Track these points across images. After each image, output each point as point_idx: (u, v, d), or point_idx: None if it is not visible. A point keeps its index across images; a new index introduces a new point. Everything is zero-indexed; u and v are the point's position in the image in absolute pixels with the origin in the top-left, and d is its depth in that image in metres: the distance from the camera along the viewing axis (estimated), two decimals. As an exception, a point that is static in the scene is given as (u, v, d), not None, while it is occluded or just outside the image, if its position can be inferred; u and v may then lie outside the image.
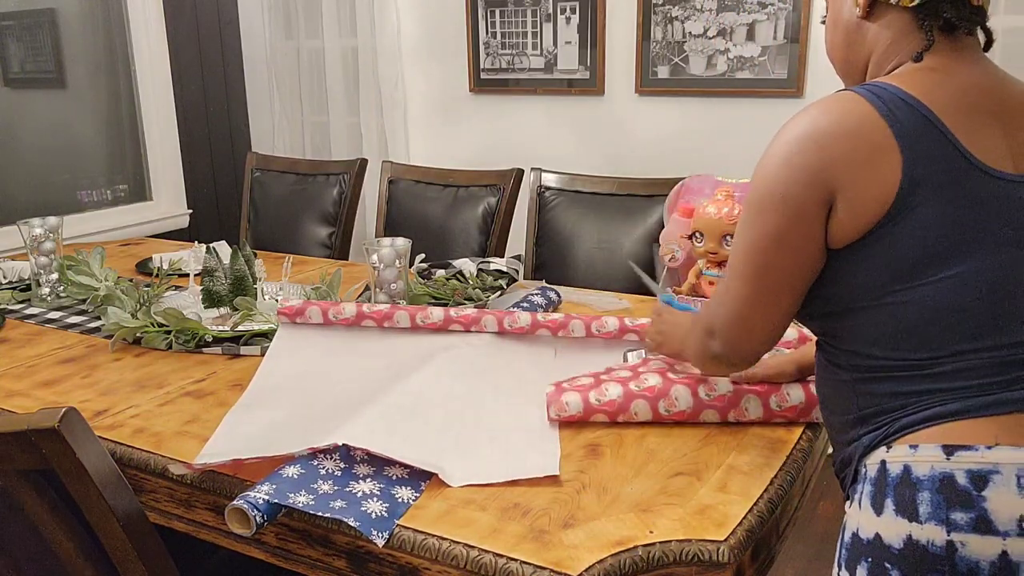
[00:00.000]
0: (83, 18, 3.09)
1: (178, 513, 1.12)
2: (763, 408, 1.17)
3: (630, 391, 1.18)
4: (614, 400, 1.17)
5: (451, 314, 1.48)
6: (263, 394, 1.33)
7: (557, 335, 1.46)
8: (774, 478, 1.04)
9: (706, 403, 1.17)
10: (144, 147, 3.29)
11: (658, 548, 0.92)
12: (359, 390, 1.29)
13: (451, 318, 1.47)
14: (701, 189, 1.67)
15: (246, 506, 0.94)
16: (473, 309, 1.50)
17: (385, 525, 0.96)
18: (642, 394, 1.18)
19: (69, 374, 1.48)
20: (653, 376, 1.20)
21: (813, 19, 2.52)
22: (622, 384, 1.19)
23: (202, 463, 1.06)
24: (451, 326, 1.47)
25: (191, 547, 1.25)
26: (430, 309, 1.49)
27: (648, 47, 2.77)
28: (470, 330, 1.47)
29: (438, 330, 1.48)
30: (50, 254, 1.92)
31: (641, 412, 1.18)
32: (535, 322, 1.46)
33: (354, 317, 1.48)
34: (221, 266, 1.71)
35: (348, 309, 1.48)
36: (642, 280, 1.55)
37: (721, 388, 1.17)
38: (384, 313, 1.48)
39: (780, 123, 0.94)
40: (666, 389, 1.18)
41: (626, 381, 1.20)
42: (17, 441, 0.81)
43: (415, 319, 1.47)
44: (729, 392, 1.17)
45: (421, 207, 2.48)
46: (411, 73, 3.25)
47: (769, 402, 1.17)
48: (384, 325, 1.48)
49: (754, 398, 1.17)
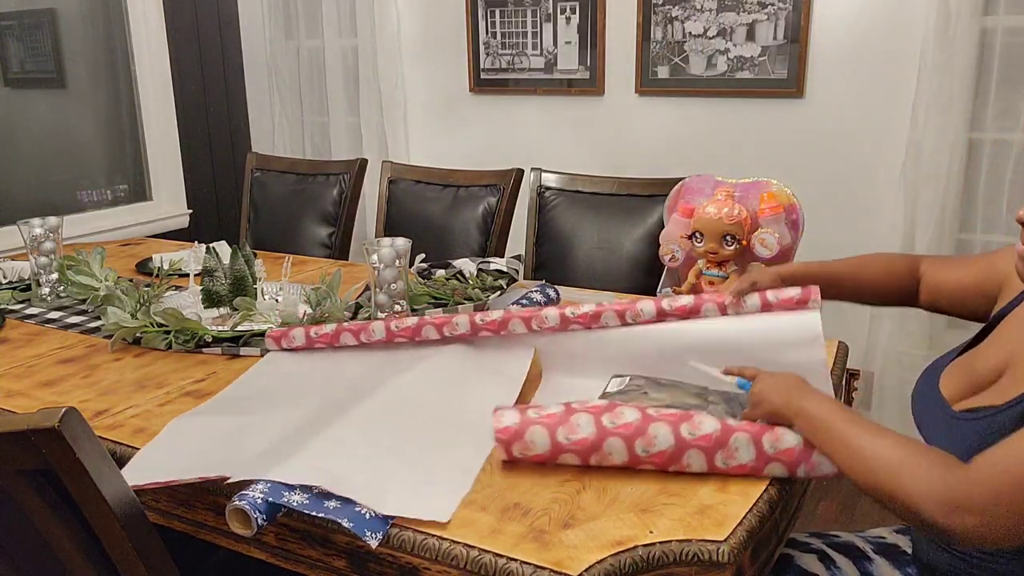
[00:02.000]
0: (83, 18, 3.10)
1: (178, 513, 1.12)
2: (755, 450, 1.02)
3: (603, 427, 1.04)
4: (586, 438, 1.04)
5: (392, 329, 1.43)
6: (220, 404, 1.31)
7: (531, 327, 1.37)
8: (774, 478, 1.04)
9: (689, 443, 1.02)
10: (144, 147, 3.29)
11: (658, 548, 0.92)
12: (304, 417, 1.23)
13: (424, 320, 1.42)
14: (701, 189, 1.67)
15: (247, 506, 0.94)
16: (415, 320, 1.45)
17: (379, 526, 0.96)
18: (617, 431, 1.03)
19: (69, 374, 1.48)
20: (630, 411, 1.05)
21: (813, 19, 2.52)
22: (595, 417, 1.05)
23: (135, 484, 1.00)
24: (424, 328, 1.42)
25: (191, 547, 1.25)
26: (373, 326, 1.45)
27: (648, 47, 2.77)
28: (443, 333, 1.41)
29: (412, 336, 1.43)
30: (50, 254, 1.92)
31: (616, 453, 1.04)
32: (508, 315, 1.38)
33: (333, 332, 1.47)
34: (221, 266, 1.71)
35: (327, 326, 1.48)
36: (711, 373, 1.28)
37: (706, 427, 1.03)
38: (360, 326, 1.46)
39: (780, 123, 0.94)
40: (644, 427, 1.03)
41: (599, 413, 1.05)
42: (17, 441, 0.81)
43: (390, 327, 1.44)
44: (716, 431, 1.02)
45: (421, 207, 2.48)
46: (411, 73, 3.26)
47: (762, 442, 1.02)
48: (360, 338, 1.45)
49: (744, 438, 1.02)
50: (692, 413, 1.04)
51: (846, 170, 2.58)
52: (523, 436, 1.04)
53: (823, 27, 2.52)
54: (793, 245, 1.59)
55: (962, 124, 2.34)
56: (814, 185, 2.58)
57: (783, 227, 1.57)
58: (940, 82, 2.32)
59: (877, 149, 2.53)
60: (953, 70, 2.30)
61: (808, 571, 1.16)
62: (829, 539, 1.24)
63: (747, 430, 1.02)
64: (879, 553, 1.20)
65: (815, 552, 1.20)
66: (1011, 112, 2.32)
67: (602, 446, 1.03)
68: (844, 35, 2.50)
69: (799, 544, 1.22)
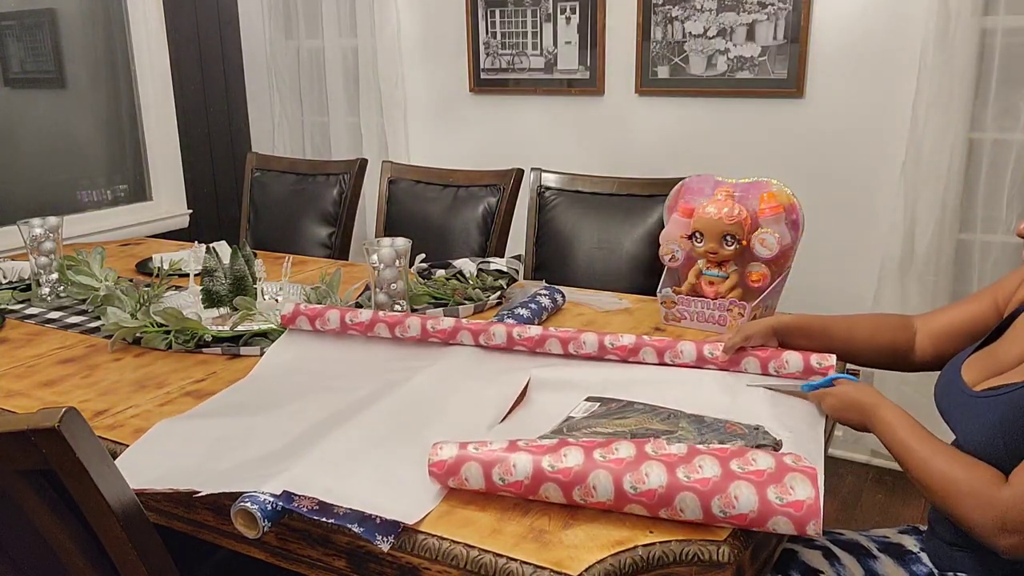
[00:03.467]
0: (83, 18, 3.09)
1: (178, 513, 1.12)
2: (702, 510, 0.94)
3: (541, 471, 0.98)
4: (521, 481, 0.99)
5: (428, 328, 1.46)
6: (210, 408, 1.31)
7: (568, 350, 1.42)
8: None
9: (631, 497, 0.95)
10: (144, 147, 3.29)
11: (658, 548, 0.92)
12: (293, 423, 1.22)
13: (461, 324, 1.46)
14: (701, 189, 1.67)
15: (256, 510, 0.94)
16: (451, 322, 1.48)
17: (390, 530, 0.96)
18: (555, 477, 0.97)
19: (69, 374, 1.48)
20: (574, 453, 0.98)
21: (813, 19, 2.52)
22: (534, 459, 0.99)
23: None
24: (460, 332, 1.46)
25: (191, 547, 1.25)
26: (408, 322, 1.47)
27: (648, 47, 2.77)
28: (478, 340, 1.45)
29: (447, 338, 1.46)
30: (50, 254, 1.92)
31: (552, 496, 0.99)
32: (545, 334, 1.42)
33: (368, 322, 1.48)
34: (221, 266, 1.71)
35: (333, 319, 1.49)
36: (773, 391, 1.30)
37: (652, 481, 0.94)
38: (396, 319, 1.48)
39: (780, 123, 0.94)
40: (584, 474, 0.96)
41: (542, 453, 0.99)
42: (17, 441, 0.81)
43: (426, 326, 1.46)
44: (661, 487, 0.94)
45: (421, 207, 2.48)
46: (411, 73, 3.26)
47: (711, 505, 0.93)
48: (395, 332, 1.48)
49: (691, 498, 0.93)
50: (642, 460, 0.97)
51: (846, 170, 2.58)
52: (458, 472, 1.01)
53: (823, 27, 2.52)
54: (793, 245, 1.59)
55: (962, 124, 2.34)
56: (814, 185, 2.58)
57: (783, 227, 1.57)
58: (940, 82, 2.32)
59: (877, 149, 2.53)
60: (953, 70, 2.30)
61: (812, 567, 1.16)
62: (834, 536, 1.24)
63: (696, 490, 0.93)
64: (883, 551, 1.20)
65: (819, 548, 1.20)
66: (1011, 112, 2.32)
67: (538, 490, 0.99)
68: (844, 35, 2.50)
69: (803, 540, 1.22)
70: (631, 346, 1.39)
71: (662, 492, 0.94)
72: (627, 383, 1.32)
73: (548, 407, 1.26)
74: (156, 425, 1.23)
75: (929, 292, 2.46)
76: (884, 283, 2.52)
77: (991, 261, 2.42)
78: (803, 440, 1.12)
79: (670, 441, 1.03)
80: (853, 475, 2.68)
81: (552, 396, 1.30)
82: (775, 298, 1.64)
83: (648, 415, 1.16)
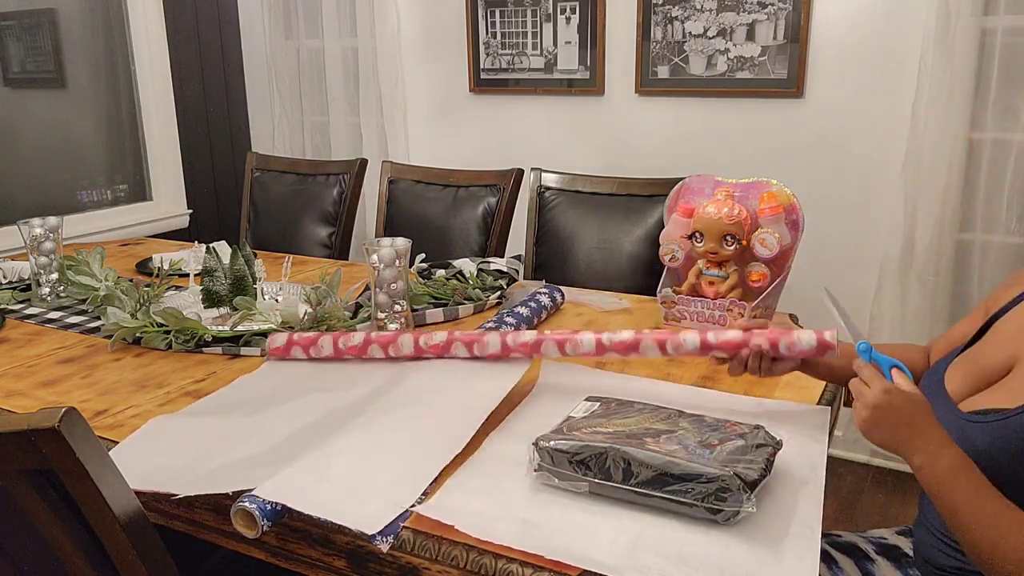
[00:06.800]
0: (83, 18, 3.09)
1: (178, 513, 1.11)
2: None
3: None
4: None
5: (420, 344, 1.42)
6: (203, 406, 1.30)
7: (565, 351, 1.36)
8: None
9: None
10: (144, 147, 3.29)
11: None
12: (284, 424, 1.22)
13: (454, 337, 1.41)
14: (701, 189, 1.67)
15: (254, 508, 0.94)
16: (444, 336, 1.43)
17: (389, 530, 0.96)
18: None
19: (69, 374, 1.48)
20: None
21: (813, 19, 2.52)
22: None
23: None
24: (453, 344, 1.41)
25: (191, 547, 1.25)
26: (401, 340, 1.43)
27: (648, 47, 2.77)
28: (473, 351, 1.40)
29: (441, 353, 1.42)
30: (50, 254, 1.92)
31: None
32: (540, 337, 1.37)
33: (360, 344, 1.44)
34: (221, 266, 1.71)
35: (326, 346, 1.46)
36: (834, 313, 1.21)
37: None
38: (388, 338, 1.44)
39: (780, 123, 0.93)
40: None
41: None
42: (17, 441, 0.81)
43: (418, 342, 1.42)
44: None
45: (421, 207, 2.48)
46: (411, 73, 3.26)
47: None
48: (388, 352, 1.44)
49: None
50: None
51: (846, 170, 2.58)
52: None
53: (823, 27, 2.52)
54: (793, 245, 1.59)
55: (962, 124, 2.35)
56: (814, 185, 2.58)
57: (783, 227, 1.57)
58: (940, 82, 2.32)
59: (877, 149, 2.53)
60: (953, 70, 2.30)
61: None
62: (831, 539, 1.24)
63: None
64: (880, 554, 1.20)
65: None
66: (1011, 112, 2.32)
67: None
68: (844, 35, 2.50)
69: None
70: (630, 341, 1.31)
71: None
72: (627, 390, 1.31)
73: (548, 407, 1.26)
74: (147, 423, 1.23)
75: (929, 292, 2.46)
76: (884, 283, 2.52)
77: (991, 261, 2.42)
78: (804, 440, 1.12)
79: (670, 440, 1.03)
80: (853, 475, 2.68)
81: (552, 396, 1.30)
82: (775, 298, 1.64)
83: (648, 415, 1.16)
